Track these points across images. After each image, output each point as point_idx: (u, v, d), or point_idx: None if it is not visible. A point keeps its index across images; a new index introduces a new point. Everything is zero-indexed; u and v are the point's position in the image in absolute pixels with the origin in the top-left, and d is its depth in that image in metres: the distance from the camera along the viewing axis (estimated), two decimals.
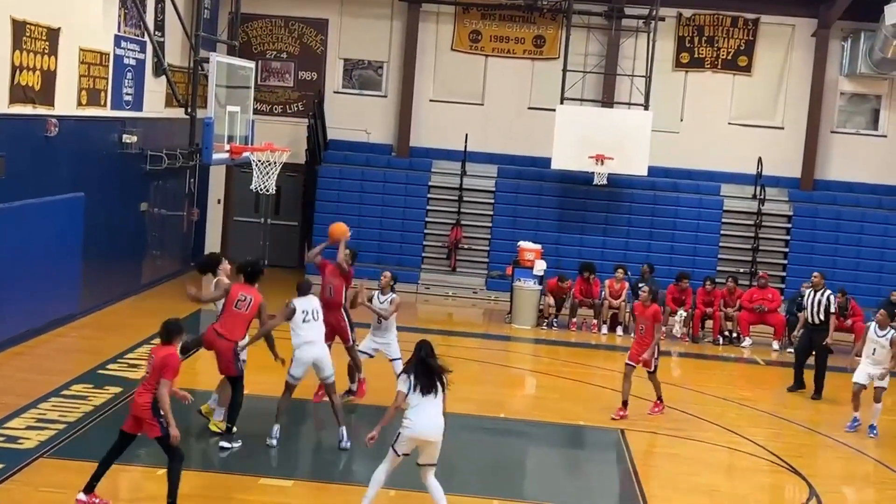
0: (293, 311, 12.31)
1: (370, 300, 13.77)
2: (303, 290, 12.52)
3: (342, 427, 12.31)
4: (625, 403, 14.36)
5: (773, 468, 12.96)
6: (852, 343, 19.60)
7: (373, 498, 10.11)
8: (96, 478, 9.97)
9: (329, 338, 13.33)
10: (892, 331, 14.73)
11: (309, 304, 12.42)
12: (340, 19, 25.27)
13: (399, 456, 10.09)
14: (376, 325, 13.80)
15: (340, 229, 13.81)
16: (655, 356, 14.41)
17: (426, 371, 10.09)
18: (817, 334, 16.93)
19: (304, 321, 12.30)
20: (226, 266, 12.83)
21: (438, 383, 10.08)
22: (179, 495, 10.24)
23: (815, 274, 17.37)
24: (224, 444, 11.98)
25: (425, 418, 9.97)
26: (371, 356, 13.94)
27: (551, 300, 20.89)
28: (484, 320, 21.63)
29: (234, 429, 12.11)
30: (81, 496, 9.89)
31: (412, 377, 10.06)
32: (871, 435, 14.55)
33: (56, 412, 12.51)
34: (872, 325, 14.96)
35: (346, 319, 13.72)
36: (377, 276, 13.95)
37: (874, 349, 14.81)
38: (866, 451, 13.93)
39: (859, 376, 14.86)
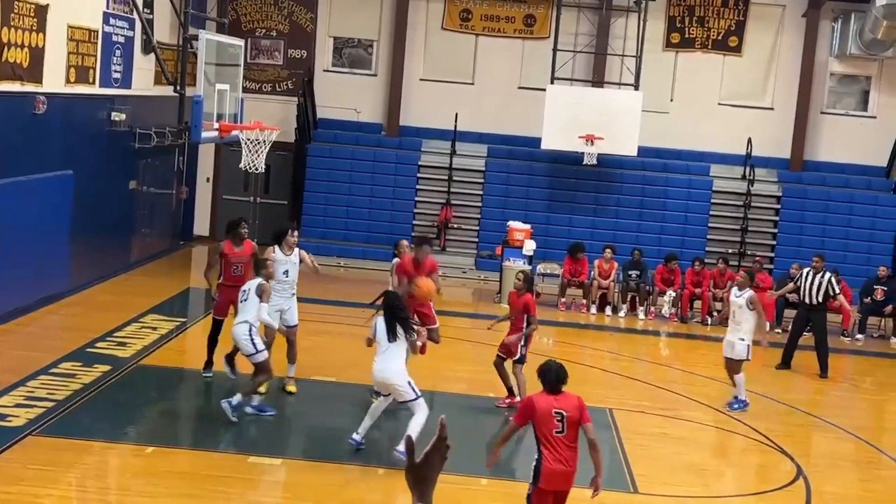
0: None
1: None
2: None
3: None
4: (510, 390, 13.41)
5: (760, 448, 13.00)
6: (840, 323, 19.76)
7: (367, 428, 11.13)
8: None
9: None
10: (750, 291, 14.07)
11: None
12: None
13: (378, 397, 11.21)
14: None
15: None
16: (524, 344, 13.20)
17: (389, 319, 10.84)
18: (814, 314, 17.01)
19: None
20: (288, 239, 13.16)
21: (399, 330, 10.78)
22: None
23: (816, 257, 17.42)
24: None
25: (381, 364, 10.82)
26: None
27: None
28: (473, 300, 21.62)
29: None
30: None
31: (377, 324, 10.92)
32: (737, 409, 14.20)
33: (45, 390, 12.48)
34: (734, 288, 14.43)
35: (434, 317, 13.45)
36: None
37: (734, 312, 14.27)
38: (854, 432, 13.98)
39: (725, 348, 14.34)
